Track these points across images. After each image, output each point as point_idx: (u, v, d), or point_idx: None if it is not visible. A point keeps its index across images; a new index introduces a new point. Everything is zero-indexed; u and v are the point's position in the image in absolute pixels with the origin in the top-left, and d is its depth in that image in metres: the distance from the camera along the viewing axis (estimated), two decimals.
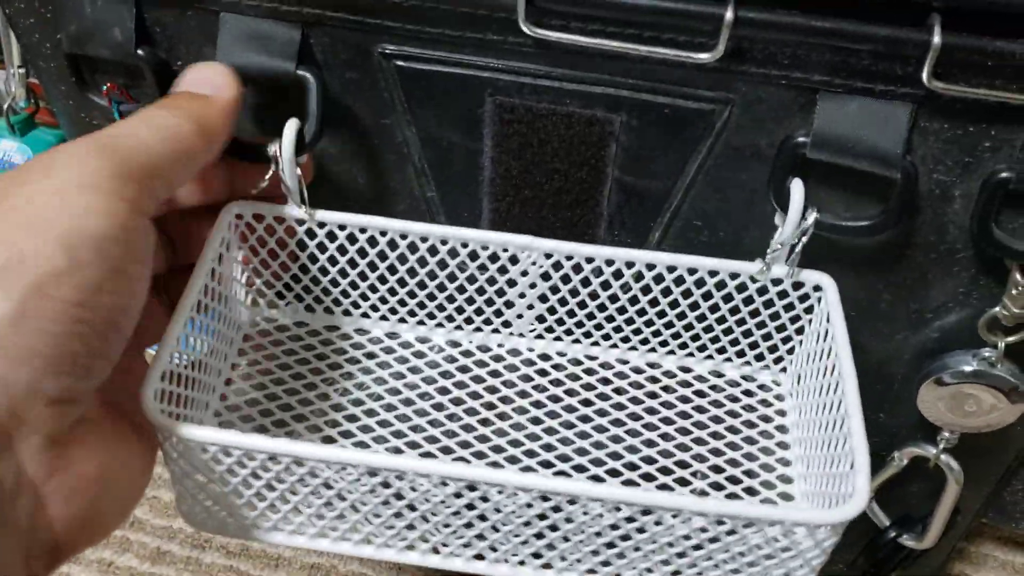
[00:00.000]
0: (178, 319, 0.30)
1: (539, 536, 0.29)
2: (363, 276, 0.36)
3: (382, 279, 0.36)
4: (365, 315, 0.38)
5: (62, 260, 0.23)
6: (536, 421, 0.36)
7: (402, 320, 0.38)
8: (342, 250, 0.36)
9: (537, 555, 0.30)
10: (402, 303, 0.37)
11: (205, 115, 0.28)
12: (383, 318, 0.38)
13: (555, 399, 0.36)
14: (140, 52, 0.34)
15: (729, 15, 0.28)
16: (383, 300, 0.37)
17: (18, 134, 0.46)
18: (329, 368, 0.37)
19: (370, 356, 0.37)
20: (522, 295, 0.36)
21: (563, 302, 0.36)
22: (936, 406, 0.37)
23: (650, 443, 0.35)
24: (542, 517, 0.28)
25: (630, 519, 0.27)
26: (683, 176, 0.34)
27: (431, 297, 0.37)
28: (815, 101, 0.31)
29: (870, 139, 0.30)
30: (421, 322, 0.38)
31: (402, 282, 0.36)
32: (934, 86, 0.29)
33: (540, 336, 0.38)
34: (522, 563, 0.30)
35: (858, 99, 0.30)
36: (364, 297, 0.37)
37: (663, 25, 0.30)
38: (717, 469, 0.35)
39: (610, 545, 0.29)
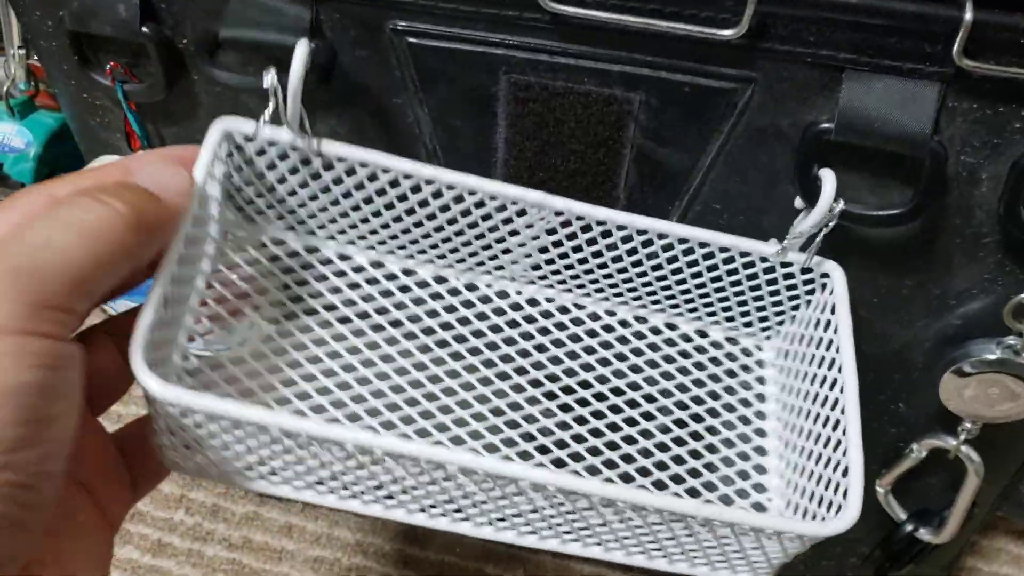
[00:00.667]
0: (164, 270, 0.27)
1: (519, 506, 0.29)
2: (356, 208, 0.34)
3: (376, 213, 0.34)
4: (351, 242, 0.36)
5: None
6: (521, 371, 0.35)
7: (390, 252, 0.36)
8: (337, 181, 0.33)
9: (518, 517, 0.30)
10: (394, 236, 0.35)
11: (145, 210, 0.25)
12: (370, 248, 0.36)
13: (541, 348, 0.35)
14: (145, 30, 0.33)
15: None
16: (374, 232, 0.35)
17: (18, 117, 0.46)
18: (310, 296, 0.34)
19: (353, 286, 0.35)
20: (522, 244, 0.35)
21: (563, 256, 0.35)
22: (958, 395, 0.36)
23: (633, 403, 0.35)
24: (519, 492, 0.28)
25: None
26: (703, 157, 0.33)
27: (426, 235, 0.35)
28: (840, 80, 0.30)
29: (897, 119, 0.30)
30: (410, 256, 0.36)
31: (398, 219, 0.34)
32: (964, 64, 0.28)
33: (531, 282, 0.36)
34: (511, 528, 0.30)
35: (885, 78, 0.30)
36: (353, 226, 0.35)
37: (685, 0, 0.29)
38: (696, 436, 0.34)
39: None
